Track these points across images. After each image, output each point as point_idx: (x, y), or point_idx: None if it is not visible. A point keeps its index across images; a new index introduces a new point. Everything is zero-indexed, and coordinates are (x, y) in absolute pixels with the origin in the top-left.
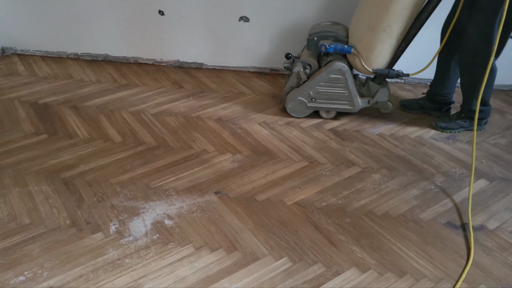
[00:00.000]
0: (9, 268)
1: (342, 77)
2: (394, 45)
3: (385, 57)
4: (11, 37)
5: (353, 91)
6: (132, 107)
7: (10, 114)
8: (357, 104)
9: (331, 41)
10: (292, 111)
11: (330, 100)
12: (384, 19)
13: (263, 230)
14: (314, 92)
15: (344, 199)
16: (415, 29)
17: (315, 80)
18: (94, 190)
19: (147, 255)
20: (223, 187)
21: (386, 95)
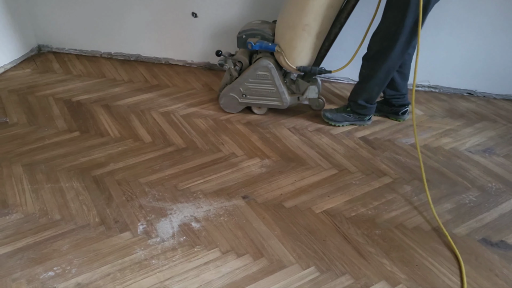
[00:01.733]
0: (39, 262)
1: (268, 73)
2: (315, 43)
3: (307, 54)
4: (48, 35)
5: (280, 88)
6: (162, 107)
7: (45, 111)
8: (285, 101)
9: (258, 39)
10: (225, 106)
11: (260, 96)
12: (303, 17)
13: (291, 237)
14: (244, 89)
15: (374, 209)
16: (336, 29)
17: (244, 77)
18: (123, 189)
19: (173, 257)
20: (250, 191)
21: (315, 92)
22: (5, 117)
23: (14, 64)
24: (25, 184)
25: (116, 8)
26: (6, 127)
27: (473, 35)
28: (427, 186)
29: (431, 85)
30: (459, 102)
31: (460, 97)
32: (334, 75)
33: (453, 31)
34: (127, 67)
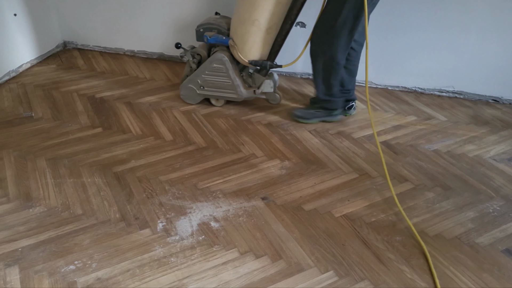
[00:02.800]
0: (61, 256)
1: (223, 66)
2: (266, 38)
3: (259, 49)
4: (73, 32)
5: (235, 81)
6: (183, 106)
7: (69, 106)
8: (240, 93)
9: (214, 33)
10: (185, 97)
11: (217, 89)
12: (252, 13)
13: (309, 240)
14: (202, 81)
15: (395, 215)
16: (287, 25)
17: (202, 69)
18: (143, 186)
19: (192, 256)
20: (270, 193)
21: (270, 86)
22: (30, 112)
23: (40, 60)
24: (49, 178)
25: (140, 7)
26: (32, 121)
27: (500, 41)
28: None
29: (456, 90)
30: (484, 109)
31: (485, 103)
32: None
33: (480, 36)
34: (150, 65)
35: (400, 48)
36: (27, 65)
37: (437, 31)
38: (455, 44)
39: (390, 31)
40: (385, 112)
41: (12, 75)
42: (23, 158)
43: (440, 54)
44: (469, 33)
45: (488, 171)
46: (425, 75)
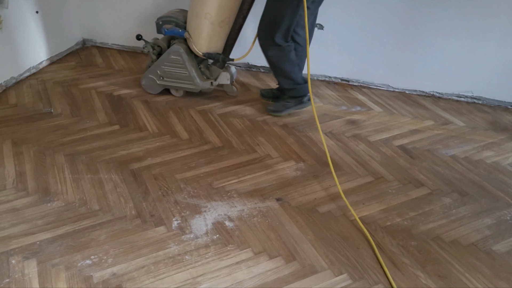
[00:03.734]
0: (78, 250)
1: (180, 58)
2: (219, 32)
3: (213, 42)
4: (92, 30)
5: (191, 72)
6: (199, 106)
7: (87, 103)
8: (197, 84)
9: (172, 25)
10: (146, 87)
11: (175, 79)
12: (204, 7)
13: (323, 243)
14: (161, 71)
15: (410, 220)
16: (240, 19)
17: (160, 60)
18: (159, 184)
19: (206, 254)
20: (284, 194)
21: (227, 79)
22: (50, 108)
23: (60, 57)
24: (67, 173)
25: (159, 4)
26: (51, 117)
27: None
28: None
29: (474, 96)
30: (503, 115)
31: (505, 109)
32: (374, 82)
33: (500, 41)
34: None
35: (418, 50)
36: (47, 61)
37: (457, 34)
38: (475, 48)
39: (409, 32)
40: (402, 116)
41: (33, 71)
42: (42, 153)
43: (459, 58)
44: (490, 38)
45: (506, 178)
46: (443, 79)
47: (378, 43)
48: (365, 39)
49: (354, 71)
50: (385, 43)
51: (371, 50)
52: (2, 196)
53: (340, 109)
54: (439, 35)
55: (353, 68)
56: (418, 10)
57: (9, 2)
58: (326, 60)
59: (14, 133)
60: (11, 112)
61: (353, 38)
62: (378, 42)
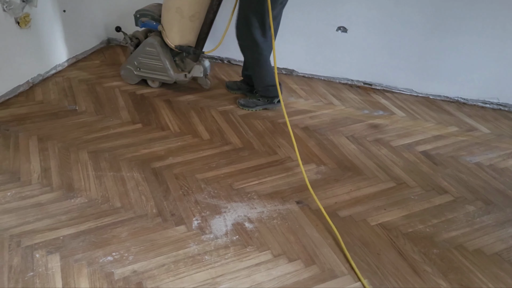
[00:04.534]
0: (100, 247)
1: (155, 50)
2: (190, 25)
3: (185, 35)
4: None
5: (165, 64)
6: (221, 106)
7: (111, 101)
8: (171, 76)
9: (147, 18)
10: (125, 77)
11: (151, 71)
12: (175, 1)
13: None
14: (138, 62)
15: (433, 227)
16: (210, 14)
17: (137, 52)
18: (180, 184)
19: (226, 255)
20: (305, 197)
21: (200, 72)
22: (74, 105)
23: (85, 55)
24: (90, 170)
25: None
26: (75, 114)
27: None
28: None
29: (500, 102)
30: None
31: None
32: (397, 86)
33: None
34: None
35: (443, 54)
36: (72, 60)
37: (485, 39)
38: (503, 53)
39: (434, 35)
40: (426, 122)
41: (59, 69)
42: (67, 150)
43: (486, 63)
44: None
45: None
46: (468, 85)
47: (402, 47)
48: (389, 42)
49: (377, 75)
50: (409, 46)
51: (394, 54)
52: (28, 191)
53: (362, 113)
54: (466, 39)
55: (376, 72)
56: (445, 12)
57: (38, 1)
58: (348, 63)
59: (40, 129)
60: (37, 109)
61: (377, 41)
62: (402, 46)
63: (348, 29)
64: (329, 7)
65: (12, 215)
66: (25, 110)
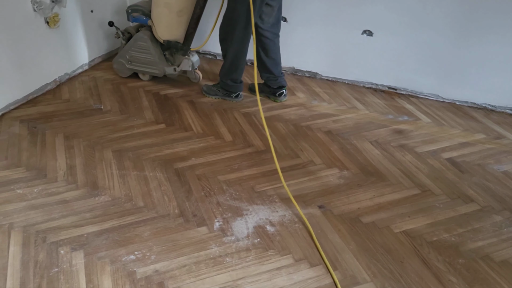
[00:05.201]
0: (122, 245)
1: (145, 44)
2: (178, 20)
3: (173, 30)
4: None
5: (155, 57)
6: (244, 108)
7: (135, 101)
8: (161, 70)
9: (138, 14)
10: (118, 70)
11: (142, 64)
12: None
13: (366, 254)
14: (129, 56)
15: (459, 237)
16: (197, 9)
17: (128, 45)
18: (202, 185)
19: (247, 258)
20: (327, 202)
21: (189, 65)
22: (100, 104)
23: (111, 55)
24: (114, 169)
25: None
26: (100, 113)
27: None
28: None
29: None
30: None
31: None
32: (422, 91)
33: None
34: (213, 65)
35: (471, 59)
36: (98, 59)
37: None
38: None
39: (462, 40)
40: (452, 128)
41: (85, 68)
42: (92, 148)
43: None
44: None
45: None
46: (497, 92)
47: (429, 51)
48: (415, 46)
49: (402, 79)
50: (436, 51)
51: (421, 58)
52: (54, 188)
53: (386, 118)
54: (495, 44)
55: (401, 76)
56: (474, 18)
57: (67, 1)
58: (373, 67)
59: (66, 127)
60: (64, 107)
61: (403, 45)
62: (428, 50)
63: (374, 33)
64: (354, 10)
65: (38, 211)
66: (52, 108)
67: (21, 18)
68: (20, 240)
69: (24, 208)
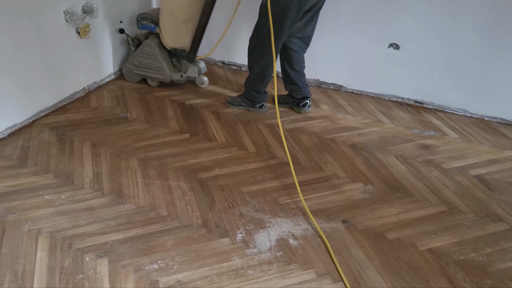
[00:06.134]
0: (146, 254)
1: (152, 50)
2: (184, 28)
3: (179, 37)
4: None
5: (162, 64)
6: (268, 119)
7: (161, 111)
8: (167, 76)
9: (147, 21)
10: (126, 76)
11: (149, 70)
12: (169, 5)
13: (391, 271)
14: (138, 62)
15: (486, 256)
16: (203, 18)
17: (137, 52)
18: (225, 195)
19: (269, 271)
20: (351, 216)
21: (195, 72)
22: (126, 113)
23: None
24: (139, 177)
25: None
26: (127, 122)
27: None
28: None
29: None
30: None
31: None
32: (450, 106)
33: None
34: (238, 77)
35: (500, 74)
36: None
37: None
38: None
39: (491, 54)
40: (480, 144)
41: (113, 77)
42: (118, 156)
43: None
44: None
45: None
46: None
47: (457, 65)
48: (442, 60)
49: (429, 93)
50: (464, 65)
51: (448, 72)
52: (80, 195)
53: (412, 132)
54: None
55: (428, 90)
56: (503, 32)
57: (98, 12)
58: (399, 81)
59: (93, 135)
60: (92, 115)
61: (430, 58)
62: (456, 64)
63: (401, 46)
64: (381, 24)
65: (65, 217)
66: (81, 116)
67: (54, 28)
68: (47, 246)
69: (52, 214)
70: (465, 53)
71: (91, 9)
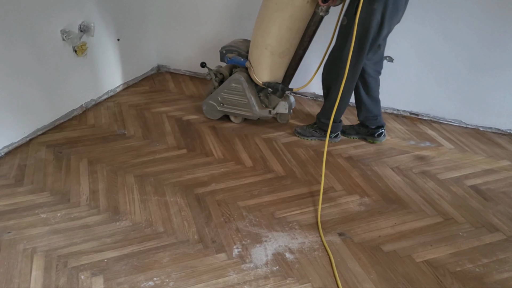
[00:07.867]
0: (141, 271)
1: (240, 86)
2: (279, 62)
3: (273, 71)
4: (167, 56)
5: (250, 100)
6: (265, 134)
7: (158, 127)
8: (255, 112)
9: (234, 54)
10: (206, 112)
11: (234, 106)
12: (265, 38)
13: (387, 284)
14: (222, 98)
15: (483, 267)
16: (300, 50)
17: (221, 88)
18: (222, 210)
19: (265, 286)
20: (347, 229)
21: (285, 108)
22: (123, 129)
23: (135, 81)
24: (136, 194)
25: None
26: (124, 138)
27: None
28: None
29: None
30: None
31: None
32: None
33: None
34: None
35: (495, 85)
36: (123, 85)
37: None
38: None
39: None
40: (475, 155)
41: (110, 94)
42: (114, 173)
43: None
44: None
45: None
46: None
47: (451, 77)
48: (436, 71)
49: (424, 105)
50: (458, 76)
51: (443, 83)
52: (76, 213)
53: (408, 144)
54: None
55: (423, 102)
56: (496, 42)
57: (94, 31)
58: (394, 93)
59: (90, 153)
60: (89, 132)
61: (424, 70)
62: (451, 76)
63: (395, 59)
64: None
65: (60, 236)
66: (78, 133)
67: (51, 47)
68: (42, 265)
69: (47, 232)
70: (459, 65)
71: (88, 27)
